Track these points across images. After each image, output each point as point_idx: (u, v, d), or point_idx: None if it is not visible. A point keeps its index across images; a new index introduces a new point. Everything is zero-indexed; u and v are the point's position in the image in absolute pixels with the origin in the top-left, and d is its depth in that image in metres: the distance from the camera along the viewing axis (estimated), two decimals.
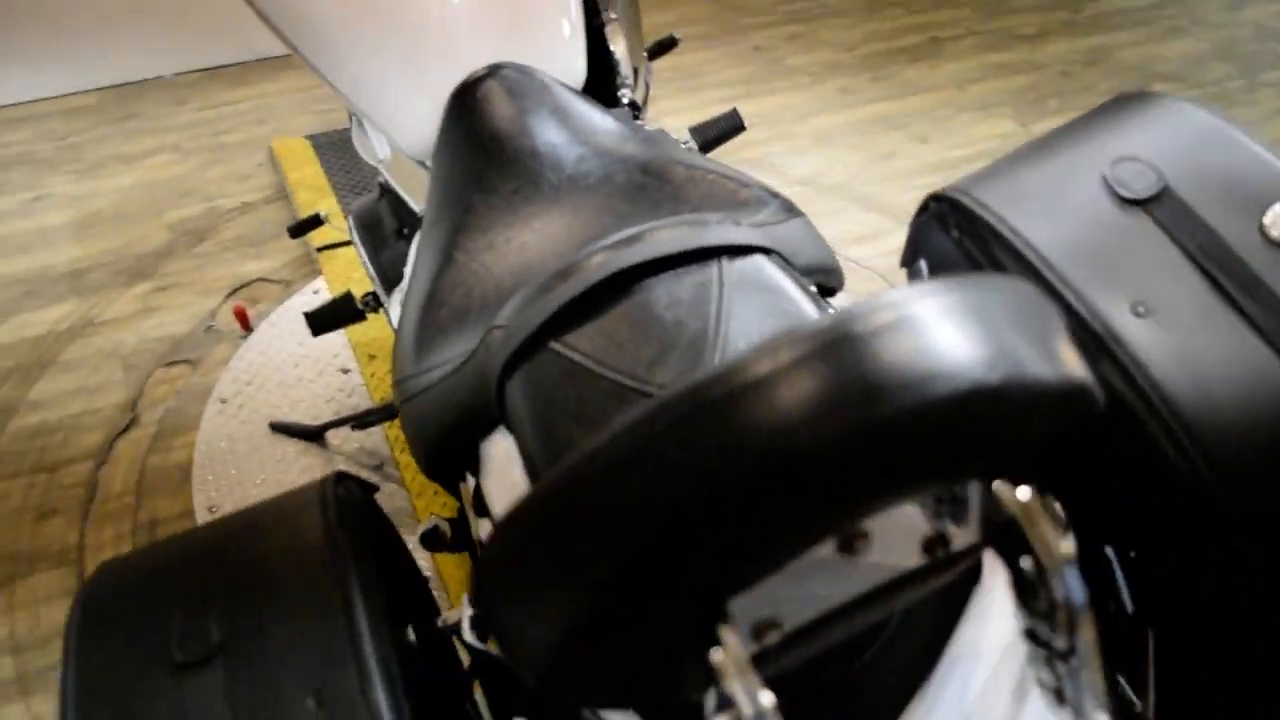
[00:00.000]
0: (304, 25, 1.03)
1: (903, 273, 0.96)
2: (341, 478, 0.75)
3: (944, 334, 0.38)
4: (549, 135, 0.89)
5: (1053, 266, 0.66)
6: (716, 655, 0.39)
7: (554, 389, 0.63)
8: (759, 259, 0.71)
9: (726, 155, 2.38)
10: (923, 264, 0.86)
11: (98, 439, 1.73)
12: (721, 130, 1.49)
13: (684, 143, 1.48)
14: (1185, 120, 0.71)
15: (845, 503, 0.38)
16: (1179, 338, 0.61)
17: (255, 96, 2.74)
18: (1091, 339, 0.64)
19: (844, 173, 2.42)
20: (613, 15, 1.39)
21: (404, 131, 1.03)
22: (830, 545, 0.42)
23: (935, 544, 0.45)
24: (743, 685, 0.39)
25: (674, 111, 2.69)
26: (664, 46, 1.72)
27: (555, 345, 0.65)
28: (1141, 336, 0.63)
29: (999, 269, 0.70)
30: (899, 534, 0.43)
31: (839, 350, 0.37)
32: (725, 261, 0.68)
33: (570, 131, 0.89)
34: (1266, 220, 0.63)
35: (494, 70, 0.95)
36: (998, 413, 0.38)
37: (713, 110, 1.46)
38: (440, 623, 0.72)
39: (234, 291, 2.06)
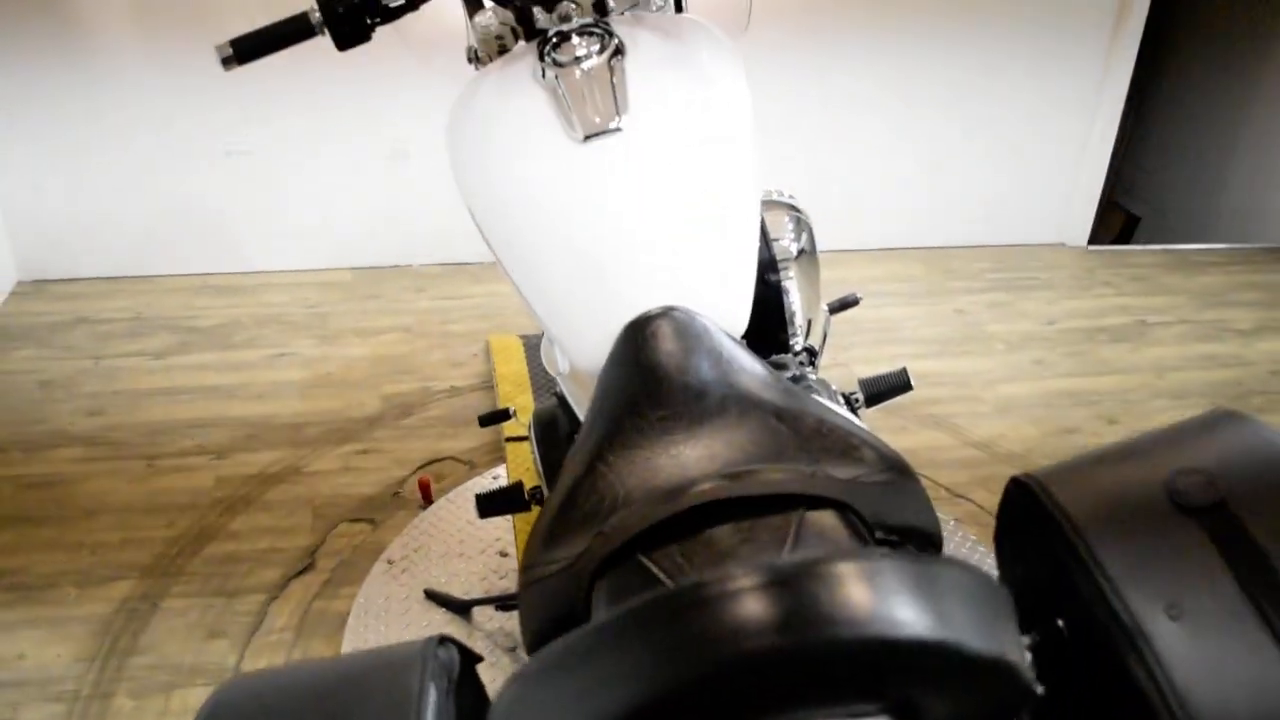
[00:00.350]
0: (511, 244, 1.18)
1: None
2: (445, 640, 0.83)
3: (887, 590, 0.45)
4: (702, 375, 0.99)
5: (1100, 562, 0.70)
6: None
7: (627, 596, 0.72)
8: (833, 513, 0.78)
9: (903, 409, 2.45)
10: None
11: (276, 576, 1.91)
12: (888, 386, 1.58)
13: (852, 394, 1.57)
14: (1256, 440, 0.75)
15: (765, 702, 0.45)
16: (1207, 644, 0.64)
17: (484, 295, 3.03)
18: (1122, 633, 0.67)
19: (1022, 443, 2.43)
20: (790, 274, 1.53)
21: (581, 351, 1.15)
22: None
23: None
24: None
25: (865, 360, 2.79)
26: (846, 304, 1.82)
27: (642, 558, 0.73)
28: (1170, 638, 0.65)
29: (1057, 555, 0.74)
30: None
31: (793, 583, 0.44)
32: (806, 510, 0.76)
33: (721, 373, 0.99)
34: None
35: (666, 311, 1.05)
36: (921, 664, 0.45)
37: (902, 363, 1.55)
38: None
39: (424, 465, 2.25)
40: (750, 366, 1.04)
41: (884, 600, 0.44)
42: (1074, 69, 3.37)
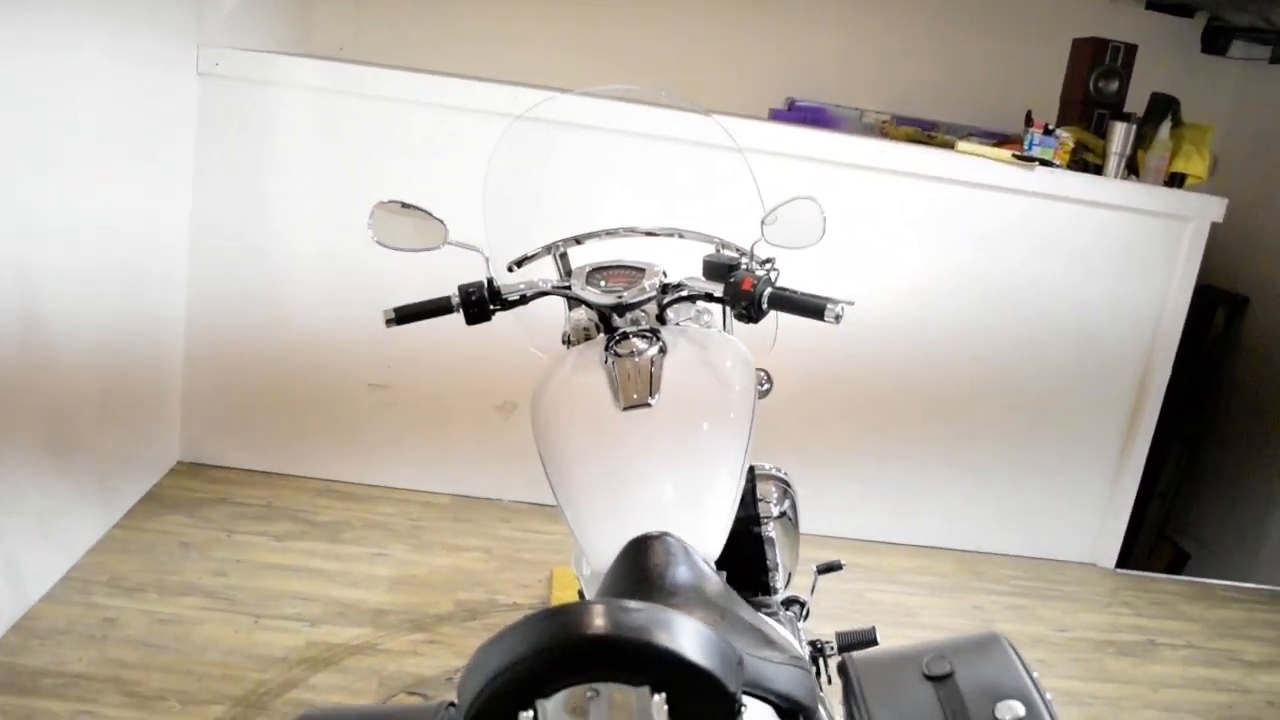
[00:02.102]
0: (560, 474, 1.61)
1: None
2: (451, 704, 1.21)
3: (666, 625, 0.85)
4: (677, 580, 1.40)
5: (865, 696, 1.09)
6: None
7: None
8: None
9: None
10: None
11: None
12: (858, 639, 1.93)
13: (827, 642, 1.93)
14: (995, 647, 1.14)
15: (588, 671, 0.84)
16: None
17: (558, 534, 3.48)
18: None
19: None
20: (771, 530, 1.94)
21: (597, 555, 1.55)
22: (582, 694, 0.86)
23: None
24: None
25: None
26: (831, 568, 2.17)
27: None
28: None
29: (854, 704, 1.12)
30: (618, 713, 0.86)
31: (616, 610, 0.85)
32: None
33: (691, 581, 1.38)
34: (998, 708, 1.04)
35: (660, 534, 1.46)
36: (668, 661, 0.83)
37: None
38: None
39: None
40: (714, 580, 1.45)
41: (660, 627, 0.85)
42: (1107, 400, 3.78)
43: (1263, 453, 4.55)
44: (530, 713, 0.81)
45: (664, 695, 0.80)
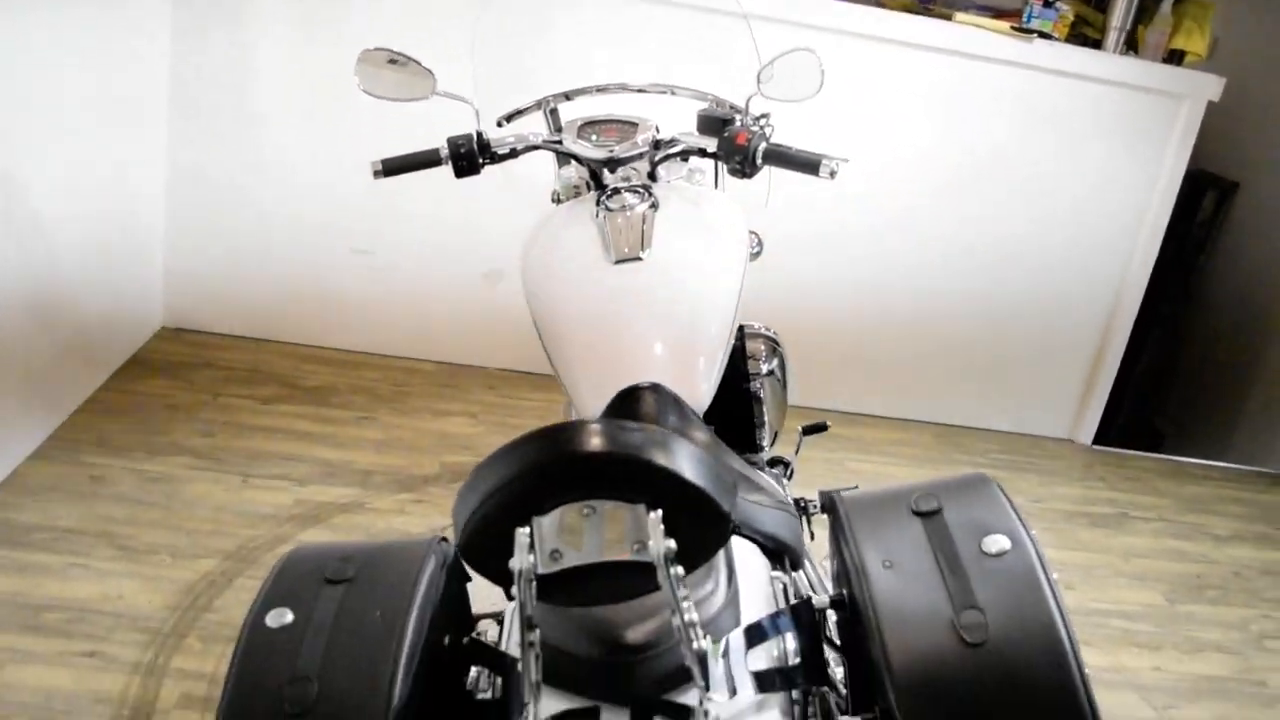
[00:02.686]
0: (550, 326, 1.60)
1: None
2: (444, 539, 1.21)
3: (662, 445, 0.85)
4: (668, 422, 1.41)
5: (853, 530, 1.10)
6: (513, 562, 0.84)
7: None
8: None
9: None
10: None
11: None
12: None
13: (810, 500, 1.96)
14: (982, 485, 1.14)
15: (583, 488, 0.84)
16: (902, 583, 1.03)
17: (544, 401, 3.49)
18: (854, 567, 1.06)
19: None
20: (760, 387, 1.95)
21: (586, 407, 1.56)
22: (578, 511, 0.87)
23: (635, 542, 0.85)
24: (524, 585, 0.84)
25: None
26: (817, 428, 2.20)
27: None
28: (880, 578, 1.04)
29: (841, 539, 1.13)
30: (613, 530, 0.87)
31: (610, 429, 0.85)
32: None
33: (679, 427, 1.38)
34: (985, 541, 1.05)
35: (650, 385, 1.46)
36: (666, 482, 0.83)
37: None
38: (466, 639, 1.16)
39: None
40: (703, 430, 1.46)
41: (657, 447, 0.85)
42: (1093, 280, 3.79)
43: (1241, 339, 4.59)
44: (527, 530, 0.82)
45: (660, 513, 0.80)
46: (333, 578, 1.05)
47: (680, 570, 0.81)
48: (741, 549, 1.21)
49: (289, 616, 0.99)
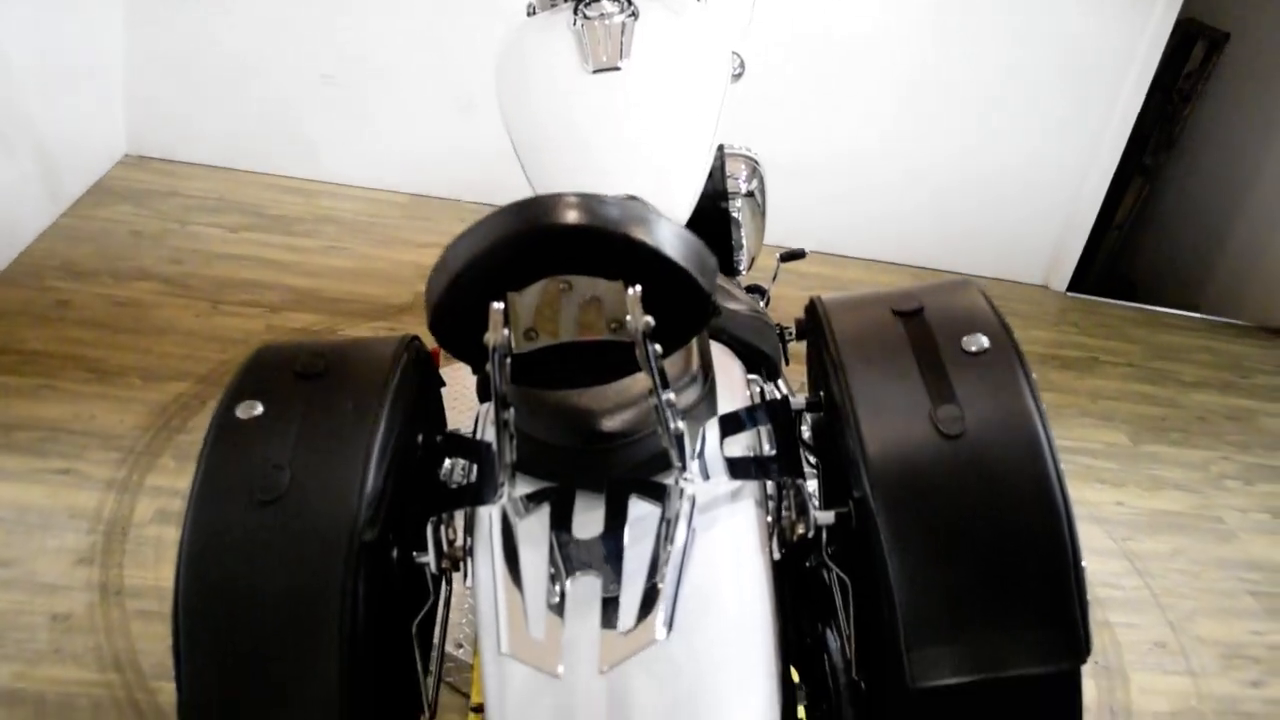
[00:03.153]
0: (524, 136, 1.55)
1: None
2: (416, 338, 1.18)
3: (642, 220, 0.81)
4: None
5: (832, 328, 1.07)
6: (486, 336, 0.82)
7: None
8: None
9: None
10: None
11: None
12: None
13: (786, 328, 1.95)
14: (963, 289, 1.12)
15: (559, 263, 0.81)
16: (880, 378, 1.00)
17: None
18: (832, 364, 1.03)
19: None
20: (739, 208, 1.92)
21: None
22: (554, 287, 0.84)
23: (612, 321, 0.79)
24: (497, 361, 0.81)
25: None
26: (795, 255, 2.17)
27: None
28: (858, 373, 0.99)
29: (820, 338, 1.11)
30: (590, 308, 0.84)
31: (590, 201, 0.81)
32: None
33: None
34: (965, 340, 1.03)
35: (628, 196, 1.43)
36: (647, 259, 0.80)
37: None
38: (438, 437, 1.15)
39: (439, 349, 2.66)
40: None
41: (637, 222, 0.81)
42: (1074, 128, 3.73)
43: (1220, 192, 4.56)
44: (501, 305, 0.79)
45: (639, 289, 0.78)
46: (303, 372, 1.02)
47: (658, 348, 0.79)
48: (719, 354, 1.20)
49: (259, 408, 0.97)
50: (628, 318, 0.78)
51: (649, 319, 0.77)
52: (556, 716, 0.83)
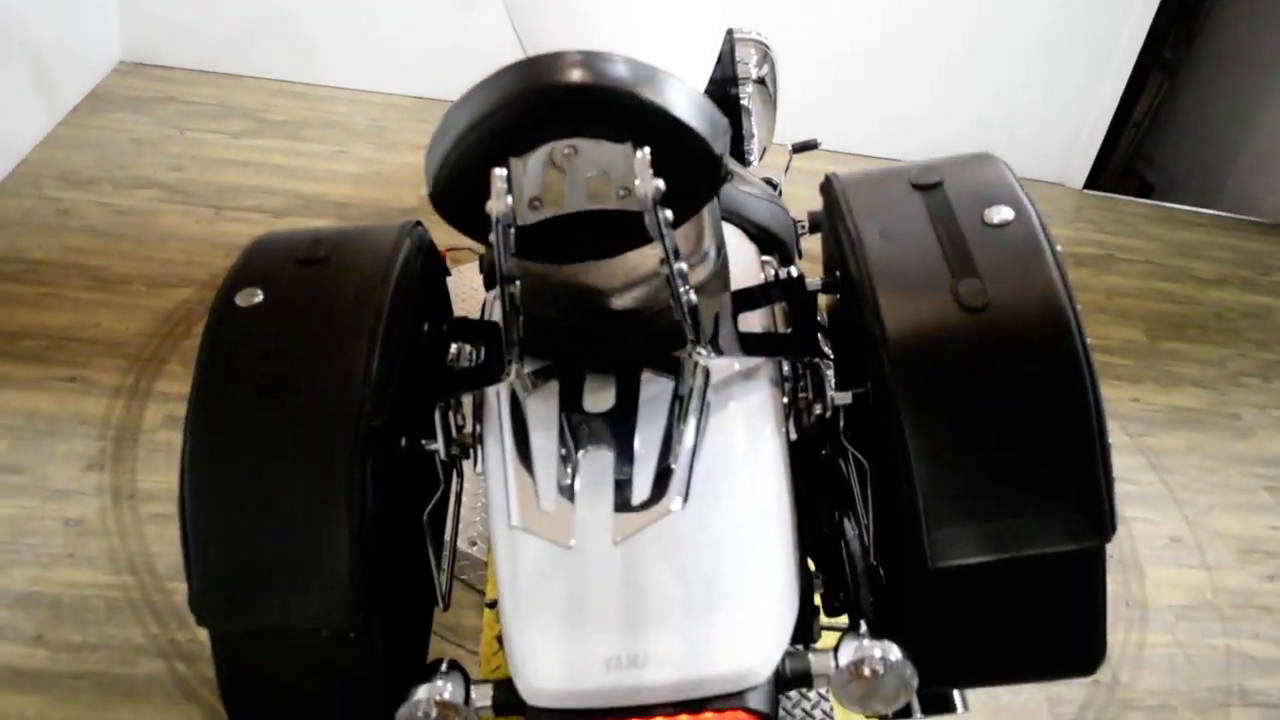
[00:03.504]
0: (528, 20, 1.50)
1: None
2: (420, 223, 1.14)
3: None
4: None
5: (850, 205, 1.03)
6: (489, 205, 0.78)
7: None
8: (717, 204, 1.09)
9: None
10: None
11: None
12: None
13: (799, 221, 1.90)
14: (984, 162, 1.07)
15: (565, 124, 0.76)
16: (899, 253, 0.97)
17: None
18: (850, 240, 0.99)
19: None
20: (749, 93, 1.86)
21: None
22: (559, 152, 0.79)
23: (621, 188, 0.78)
24: (501, 231, 0.77)
25: None
26: (807, 146, 2.12)
27: None
28: (876, 247, 0.97)
29: (835, 215, 1.06)
30: (598, 175, 0.80)
31: (597, 59, 0.76)
32: None
33: None
34: (987, 212, 0.99)
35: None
36: (655, 120, 0.75)
37: None
38: (444, 326, 1.12)
39: (448, 250, 2.62)
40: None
41: (646, 82, 0.77)
42: (1092, 21, 3.62)
43: (1241, 86, 4.44)
44: (504, 171, 0.75)
45: (648, 151, 0.73)
46: (304, 258, 0.99)
47: (669, 214, 0.75)
48: (731, 236, 1.16)
49: (259, 296, 0.94)
50: (636, 182, 0.74)
51: (659, 182, 0.73)
52: (569, 591, 0.82)
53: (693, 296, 0.80)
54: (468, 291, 2.36)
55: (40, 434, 1.93)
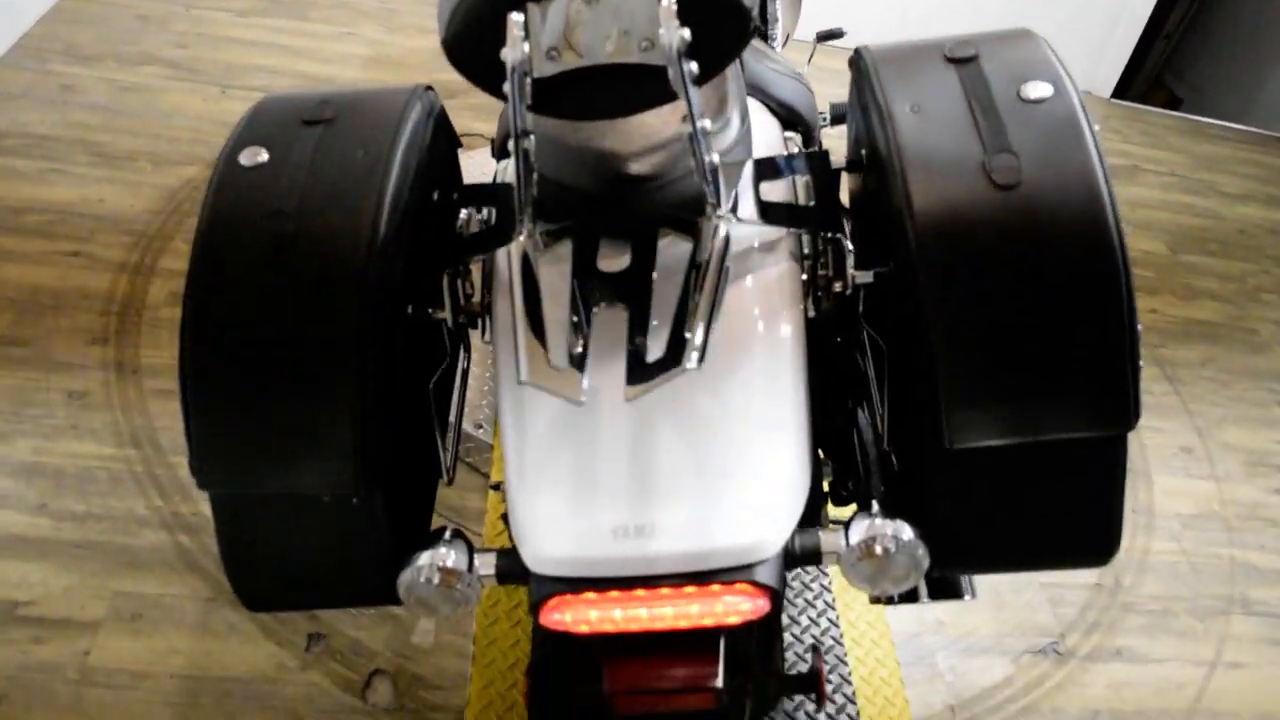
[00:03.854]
0: None
1: None
2: (430, 87, 1.10)
3: None
4: None
5: (880, 77, 0.98)
6: (504, 52, 0.74)
7: None
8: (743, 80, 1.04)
9: None
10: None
11: None
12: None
13: (821, 113, 1.85)
14: (1023, 37, 1.02)
15: None
16: (930, 128, 0.92)
17: None
18: (879, 114, 0.94)
19: None
20: None
21: None
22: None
23: (644, 39, 0.71)
24: (517, 80, 0.73)
25: None
26: (832, 34, 2.05)
27: None
28: (906, 121, 0.93)
29: (864, 90, 1.01)
30: (620, 26, 0.75)
31: None
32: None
33: None
34: (1024, 88, 0.94)
35: None
36: None
37: None
38: (454, 194, 1.07)
39: (462, 136, 2.57)
40: None
41: None
42: None
43: (1277, 2, 4.29)
44: (520, 16, 0.71)
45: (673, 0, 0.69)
46: (310, 119, 0.95)
47: (694, 68, 0.71)
48: (755, 109, 1.12)
49: (264, 155, 0.91)
50: (661, 32, 0.70)
51: (685, 32, 0.69)
52: (578, 455, 0.80)
53: (715, 157, 0.76)
54: (478, 177, 2.32)
55: (44, 307, 1.91)
